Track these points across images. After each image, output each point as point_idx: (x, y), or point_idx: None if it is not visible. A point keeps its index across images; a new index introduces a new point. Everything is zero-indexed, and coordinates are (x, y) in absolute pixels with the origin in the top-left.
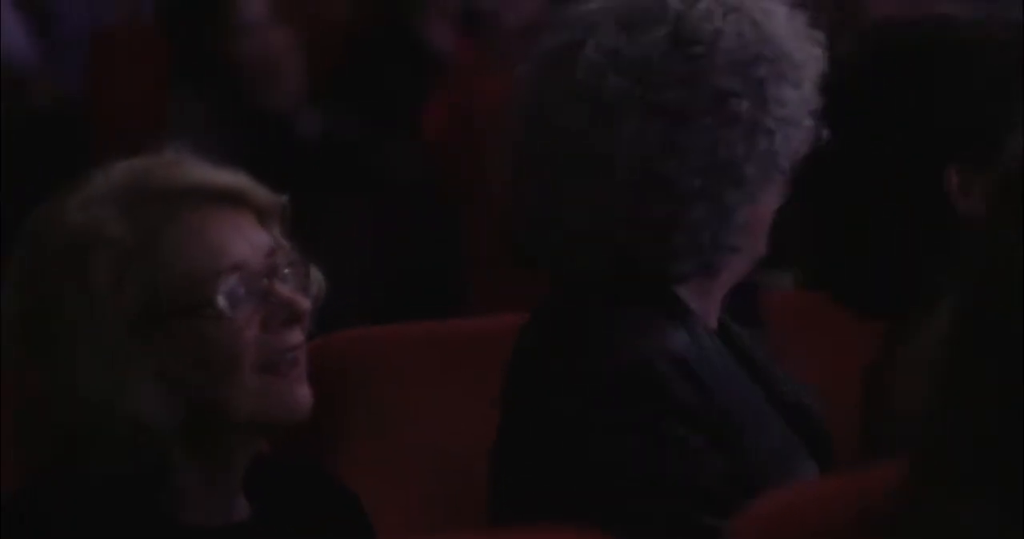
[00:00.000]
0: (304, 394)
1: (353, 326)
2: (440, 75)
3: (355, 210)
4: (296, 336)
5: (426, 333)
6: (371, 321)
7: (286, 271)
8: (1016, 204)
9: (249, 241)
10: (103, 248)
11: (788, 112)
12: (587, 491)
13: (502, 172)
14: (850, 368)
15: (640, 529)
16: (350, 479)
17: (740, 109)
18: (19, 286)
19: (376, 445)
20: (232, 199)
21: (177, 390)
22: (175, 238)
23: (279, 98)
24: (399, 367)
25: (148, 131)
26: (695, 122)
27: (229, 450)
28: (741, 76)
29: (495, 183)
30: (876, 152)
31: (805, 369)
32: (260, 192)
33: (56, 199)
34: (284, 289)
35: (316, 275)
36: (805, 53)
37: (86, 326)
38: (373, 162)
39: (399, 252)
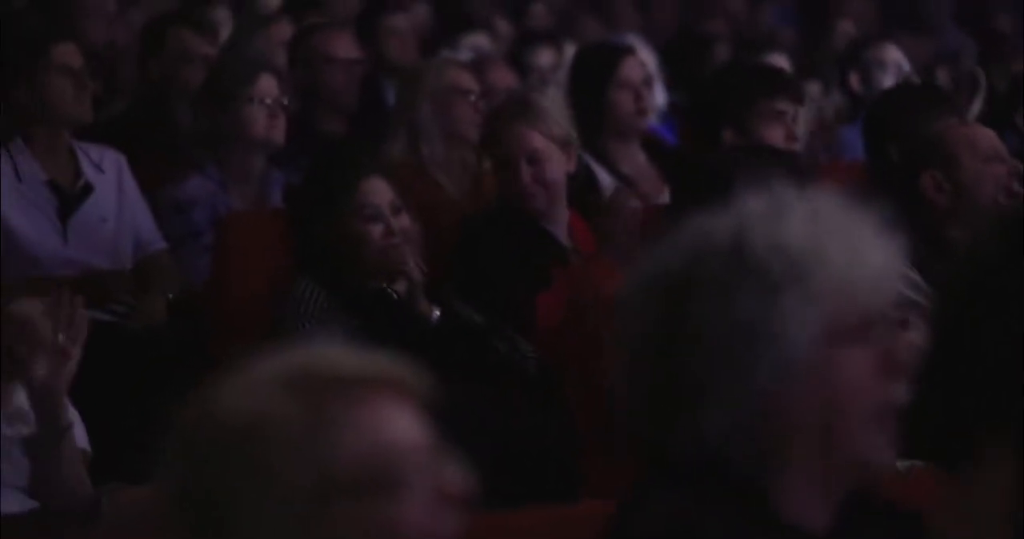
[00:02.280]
0: None
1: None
2: (558, 263)
3: (471, 395)
4: (456, 519)
5: (541, 518)
6: (485, 505)
7: (446, 458)
8: None
9: (413, 427)
10: (275, 432)
11: None
12: None
13: (616, 363)
14: None
15: None
16: None
17: None
18: (181, 470)
19: None
20: (394, 385)
21: None
22: (345, 423)
23: (400, 283)
24: None
25: (270, 315)
26: None
27: None
28: None
29: (608, 373)
30: None
31: None
32: (419, 378)
33: (212, 386)
34: (448, 475)
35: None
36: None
37: (257, 510)
38: (489, 349)
39: (512, 438)
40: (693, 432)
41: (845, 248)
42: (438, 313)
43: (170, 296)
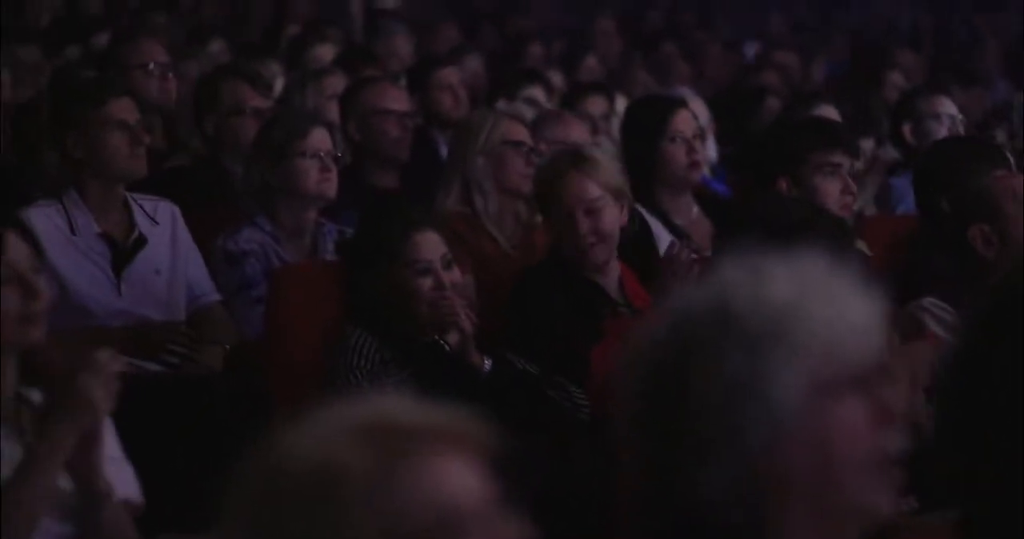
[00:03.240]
0: None
1: None
2: (610, 316)
3: (524, 447)
4: None
5: None
6: None
7: (507, 511)
8: None
9: (477, 480)
10: (345, 484)
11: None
12: None
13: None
14: None
15: None
16: None
17: None
18: (246, 521)
19: None
20: (459, 437)
21: None
22: (412, 476)
23: (452, 334)
24: None
25: (323, 366)
26: None
27: None
28: None
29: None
30: None
31: None
32: (482, 430)
33: (275, 437)
34: (509, 528)
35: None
36: None
37: None
38: (542, 398)
39: (561, 489)
40: (692, 495)
41: (827, 304)
42: (490, 363)
43: (227, 347)
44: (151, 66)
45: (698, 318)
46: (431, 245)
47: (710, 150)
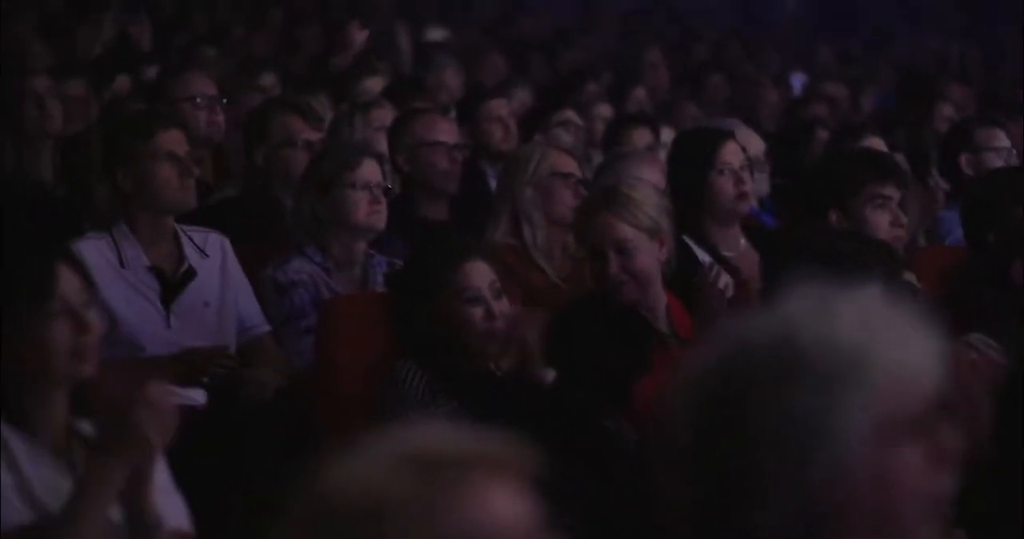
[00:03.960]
0: None
1: None
2: (658, 348)
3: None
4: None
5: None
6: None
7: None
8: None
9: (522, 506)
10: (393, 511)
11: None
12: None
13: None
14: None
15: None
16: None
17: None
18: None
19: None
20: (504, 464)
21: None
22: (458, 503)
23: (505, 360)
24: None
25: (373, 397)
26: None
27: None
28: None
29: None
30: None
31: None
32: (527, 456)
33: (324, 467)
34: None
35: None
36: None
37: None
38: (593, 426)
39: (605, 516)
40: (746, 531)
41: (895, 345)
42: (553, 374)
43: (282, 378)
44: (199, 99)
45: (760, 352)
46: (481, 274)
47: (763, 183)
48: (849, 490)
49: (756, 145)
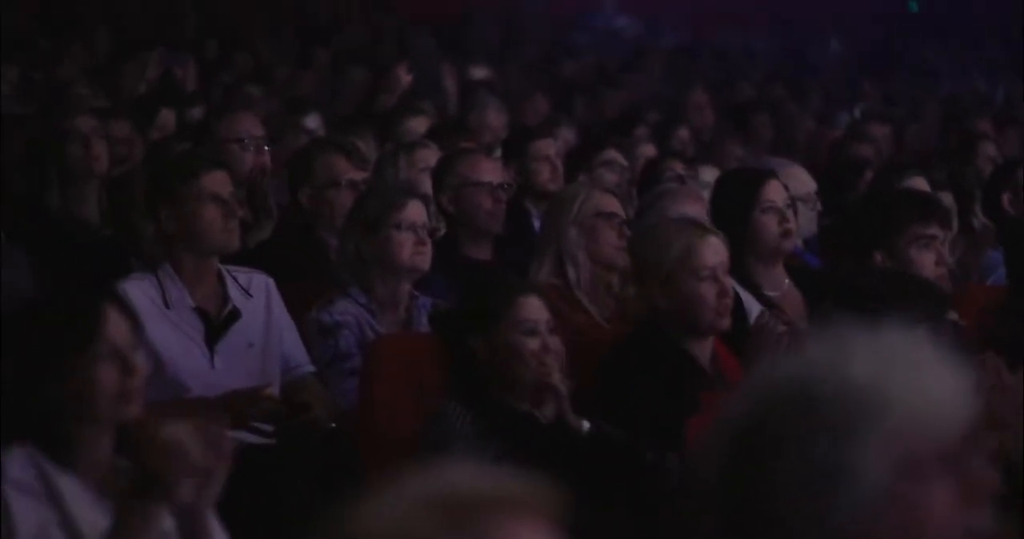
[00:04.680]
0: None
1: None
2: (706, 388)
3: (608, 515)
4: None
5: None
6: None
7: None
8: None
9: None
10: None
11: None
12: None
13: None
14: None
15: None
16: None
17: None
18: None
19: None
20: (530, 505)
21: None
22: None
23: (548, 406)
24: None
25: (417, 438)
26: None
27: None
28: None
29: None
30: None
31: None
32: (555, 498)
33: (353, 507)
34: None
35: None
36: None
37: None
38: (638, 465)
39: None
40: None
41: (909, 381)
42: (588, 425)
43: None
44: (246, 140)
45: (779, 400)
46: (537, 308)
47: (812, 222)
48: (877, 528)
49: (808, 184)
